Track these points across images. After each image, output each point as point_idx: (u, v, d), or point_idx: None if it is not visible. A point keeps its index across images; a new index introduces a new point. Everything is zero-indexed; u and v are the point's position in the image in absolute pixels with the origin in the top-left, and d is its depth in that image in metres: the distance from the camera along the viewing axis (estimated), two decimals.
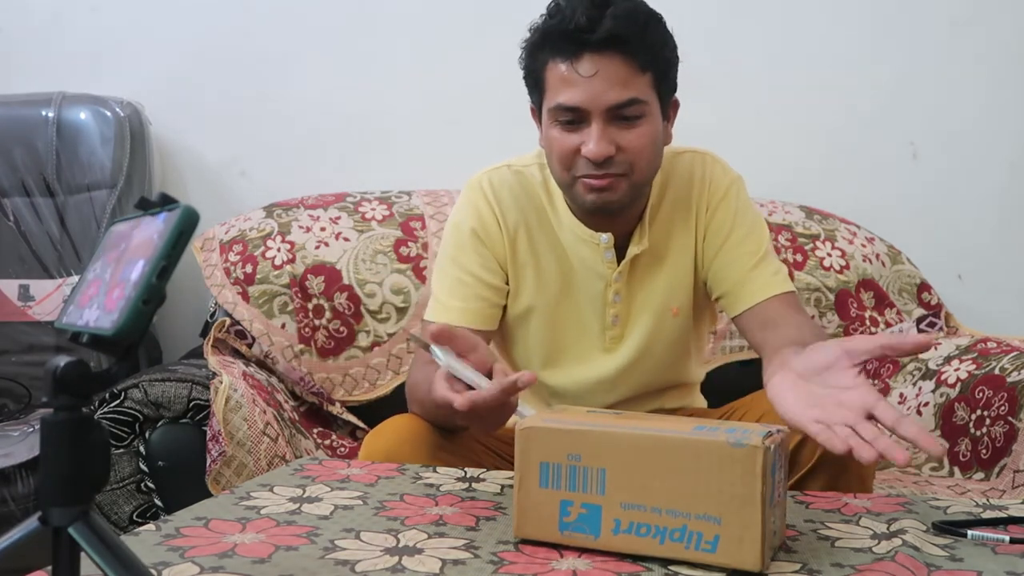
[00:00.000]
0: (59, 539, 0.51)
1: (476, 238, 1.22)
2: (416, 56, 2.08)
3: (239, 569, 0.67)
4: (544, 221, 1.24)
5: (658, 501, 0.70)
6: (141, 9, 2.08)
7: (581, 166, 1.12)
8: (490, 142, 2.05)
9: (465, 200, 1.25)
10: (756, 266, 1.20)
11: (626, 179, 1.12)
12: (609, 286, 1.23)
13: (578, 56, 1.08)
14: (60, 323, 0.54)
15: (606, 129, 1.09)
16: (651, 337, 1.25)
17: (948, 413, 1.54)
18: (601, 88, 1.07)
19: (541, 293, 1.24)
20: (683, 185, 1.23)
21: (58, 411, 0.51)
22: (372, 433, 1.13)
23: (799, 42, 2.06)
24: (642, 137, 1.11)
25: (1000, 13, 2.07)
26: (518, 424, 0.75)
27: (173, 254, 0.49)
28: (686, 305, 1.26)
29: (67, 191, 1.88)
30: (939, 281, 1.95)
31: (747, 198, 1.25)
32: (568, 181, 1.15)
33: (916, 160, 2.10)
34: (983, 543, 0.77)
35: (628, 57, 1.07)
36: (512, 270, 1.24)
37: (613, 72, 1.07)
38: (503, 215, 1.23)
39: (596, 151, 1.09)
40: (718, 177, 1.23)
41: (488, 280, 1.22)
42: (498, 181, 1.25)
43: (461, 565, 0.69)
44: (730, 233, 1.22)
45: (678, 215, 1.24)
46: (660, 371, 1.29)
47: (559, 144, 1.12)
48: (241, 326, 1.65)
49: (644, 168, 1.13)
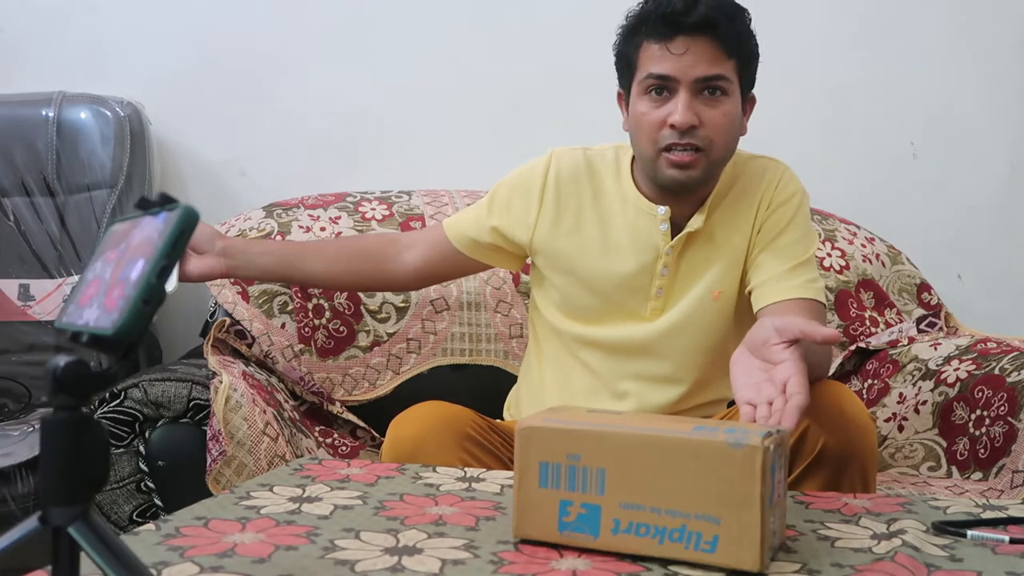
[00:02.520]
0: (59, 539, 0.51)
1: (510, 195, 1.34)
2: (416, 56, 2.07)
3: (239, 569, 0.67)
4: (601, 194, 1.31)
5: (657, 501, 0.70)
6: (141, 9, 2.08)
7: (666, 136, 1.19)
8: (490, 142, 2.06)
9: (532, 161, 1.35)
10: (792, 269, 1.24)
11: (705, 156, 1.20)
12: (659, 258, 1.28)
13: (671, 38, 1.17)
14: (60, 323, 0.54)
15: (692, 100, 1.18)
16: (690, 315, 1.29)
17: (947, 413, 1.54)
18: (691, 62, 1.17)
19: (582, 255, 1.30)
20: (753, 181, 1.29)
21: (58, 411, 0.51)
22: (397, 420, 1.15)
23: (799, 42, 2.06)
24: (725, 116, 1.20)
25: (1000, 13, 2.07)
26: (518, 424, 0.76)
27: (173, 254, 0.49)
28: (729, 292, 1.29)
29: (67, 191, 1.87)
30: (939, 281, 1.95)
31: (807, 212, 1.31)
32: (653, 155, 1.22)
33: (916, 160, 2.10)
34: (983, 543, 0.77)
35: (717, 41, 1.17)
36: (548, 228, 1.31)
37: (703, 51, 1.17)
38: (556, 182, 1.31)
39: (682, 119, 1.17)
40: (787, 182, 1.30)
41: (488, 223, 1.35)
42: (567, 156, 1.33)
43: (461, 565, 0.69)
44: (781, 234, 1.27)
45: (741, 207, 1.28)
46: (688, 355, 1.30)
47: (647, 116, 1.21)
48: (241, 326, 1.65)
49: (721, 147, 1.21)
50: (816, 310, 1.22)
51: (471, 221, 1.38)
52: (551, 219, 1.31)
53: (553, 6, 2.05)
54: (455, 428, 1.13)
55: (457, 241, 1.39)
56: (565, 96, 2.02)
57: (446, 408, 1.17)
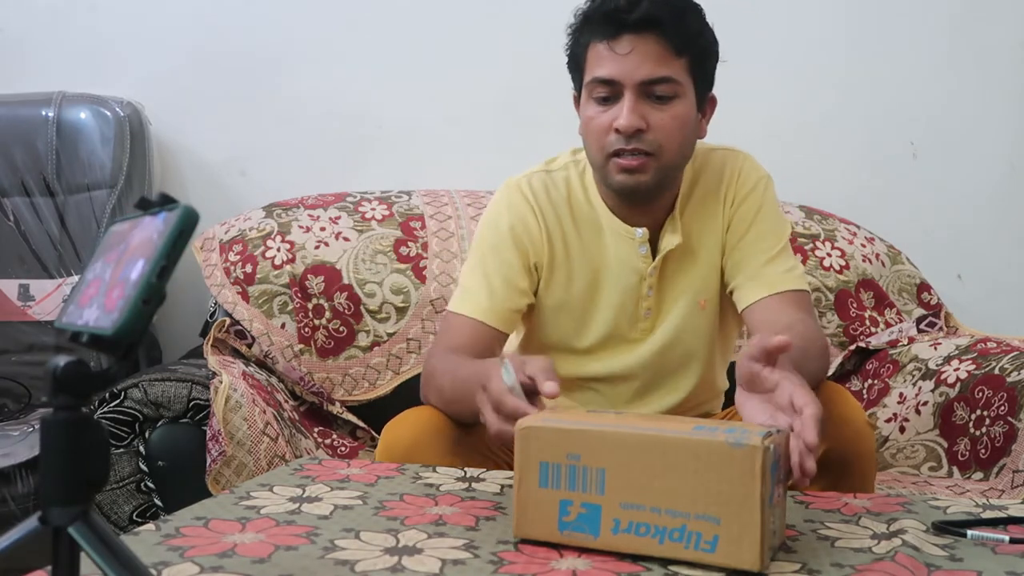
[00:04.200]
0: (59, 539, 0.51)
1: (513, 238, 1.25)
2: (416, 56, 2.07)
3: (239, 569, 0.67)
4: (581, 220, 1.26)
5: (658, 501, 0.70)
6: (141, 9, 2.08)
7: (613, 142, 1.15)
8: (490, 142, 2.06)
9: (504, 199, 1.27)
10: (770, 261, 1.22)
11: (655, 160, 1.15)
12: (643, 280, 1.25)
13: (616, 37, 1.13)
14: (60, 323, 0.54)
15: (638, 104, 1.14)
16: (679, 329, 1.27)
17: (947, 413, 1.53)
18: (635, 63, 1.13)
19: (569, 291, 1.26)
20: (713, 179, 1.26)
21: (58, 411, 0.51)
22: (390, 425, 1.13)
23: (799, 42, 2.06)
24: (673, 118, 1.15)
25: (1000, 13, 2.07)
26: (518, 424, 0.76)
27: (173, 254, 0.49)
28: (713, 298, 1.28)
29: (67, 191, 1.87)
30: (939, 281, 1.95)
31: (774, 197, 1.28)
32: (601, 160, 1.18)
33: (916, 160, 2.10)
34: (983, 543, 0.77)
35: (664, 39, 1.13)
36: (547, 271, 1.26)
37: (648, 51, 1.13)
38: (544, 218, 1.25)
39: (627, 123, 1.13)
40: (747, 172, 1.26)
41: (518, 284, 1.24)
42: (538, 185, 1.27)
43: (461, 565, 0.69)
44: (751, 226, 1.24)
45: (708, 208, 1.26)
46: (684, 364, 1.30)
47: (594, 121, 1.17)
48: (241, 326, 1.65)
49: (673, 150, 1.17)
50: (798, 299, 1.20)
51: (503, 298, 1.23)
52: (548, 252, 1.26)
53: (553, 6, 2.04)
54: (448, 432, 1.11)
55: (507, 326, 1.25)
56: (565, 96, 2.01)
57: (439, 412, 1.15)
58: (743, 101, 2.04)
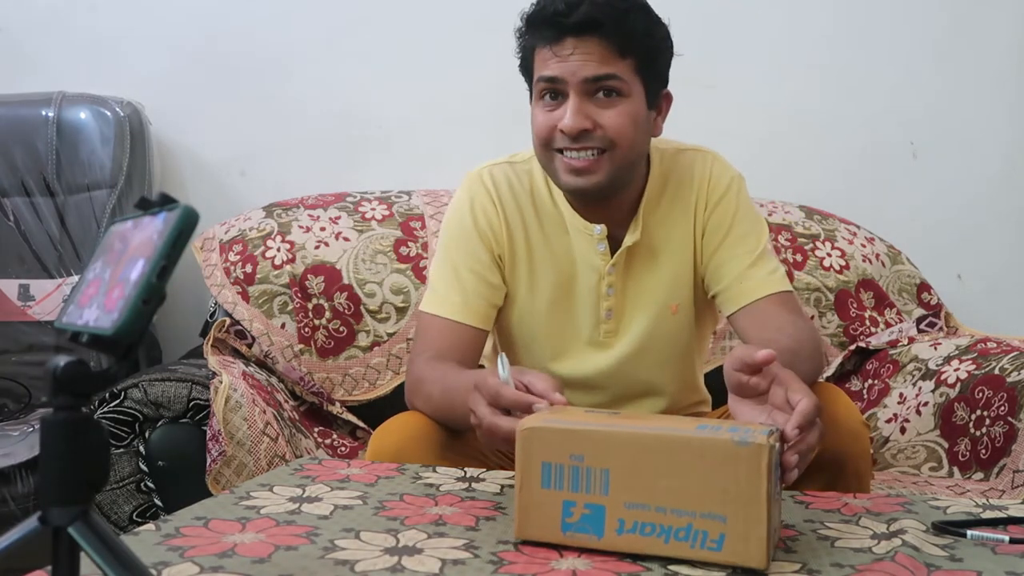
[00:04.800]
0: (59, 539, 0.51)
1: (477, 232, 1.23)
2: (416, 56, 2.07)
3: (239, 569, 0.67)
4: (544, 215, 1.24)
5: (662, 500, 0.70)
6: (141, 9, 2.08)
7: (558, 140, 1.14)
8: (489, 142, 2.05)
9: (465, 193, 1.26)
10: (753, 264, 1.20)
11: (607, 157, 1.14)
12: (603, 279, 1.23)
13: (558, 40, 1.12)
14: (60, 323, 0.54)
15: (582, 104, 1.12)
16: (649, 334, 1.25)
17: (948, 413, 1.53)
18: (578, 63, 1.11)
19: (533, 292, 1.25)
20: (683, 182, 1.24)
21: (58, 411, 0.51)
22: (379, 431, 1.13)
23: (799, 42, 2.06)
24: (620, 116, 1.13)
25: (1000, 13, 2.07)
26: (519, 424, 0.75)
27: (173, 254, 0.49)
28: (686, 303, 1.26)
29: (67, 191, 1.87)
30: (939, 281, 1.95)
31: (747, 196, 1.25)
32: (547, 159, 1.17)
33: (916, 160, 2.10)
34: (983, 543, 0.77)
35: (606, 40, 1.11)
36: (509, 267, 1.24)
37: (591, 51, 1.11)
38: (504, 210, 1.24)
39: (570, 123, 1.11)
40: (719, 174, 1.24)
41: (488, 278, 1.23)
42: (500, 175, 1.26)
43: (461, 565, 0.69)
44: (729, 230, 1.22)
45: (677, 211, 1.24)
46: (660, 370, 1.28)
47: (538, 121, 1.16)
48: (241, 326, 1.65)
49: (625, 147, 1.14)
50: (784, 301, 1.19)
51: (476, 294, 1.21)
52: (508, 245, 1.24)
53: None
54: (437, 436, 1.10)
55: (485, 322, 1.23)
56: None
57: (424, 419, 1.13)
58: (743, 101, 2.05)
